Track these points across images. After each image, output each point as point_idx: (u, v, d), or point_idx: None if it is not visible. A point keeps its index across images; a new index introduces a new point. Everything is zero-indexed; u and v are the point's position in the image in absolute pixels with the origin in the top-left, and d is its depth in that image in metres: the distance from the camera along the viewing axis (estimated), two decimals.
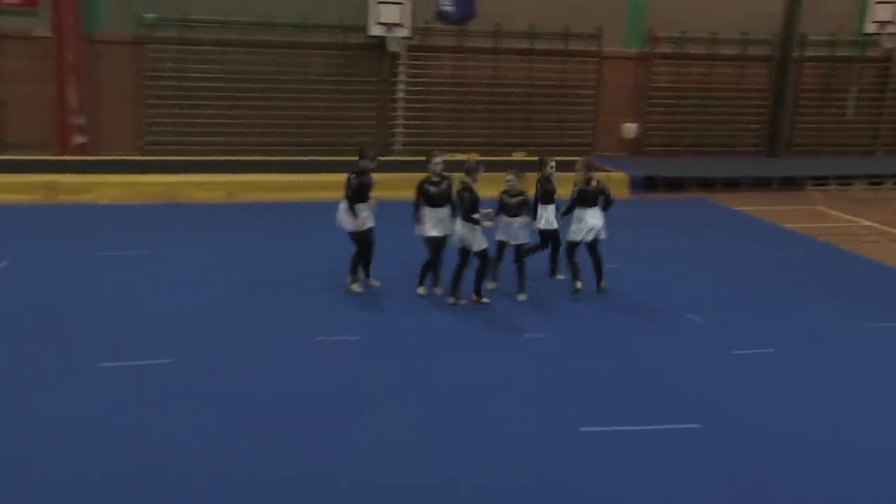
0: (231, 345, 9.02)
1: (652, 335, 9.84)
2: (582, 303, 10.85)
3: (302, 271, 11.53)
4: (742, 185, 19.13)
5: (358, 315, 10.04)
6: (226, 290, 10.76)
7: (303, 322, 9.75)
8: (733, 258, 13.30)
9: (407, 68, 19.60)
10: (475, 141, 20.02)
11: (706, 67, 21.13)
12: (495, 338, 9.60)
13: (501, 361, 8.92)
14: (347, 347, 9.10)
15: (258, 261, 12.07)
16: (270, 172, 16.94)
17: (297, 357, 8.79)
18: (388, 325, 9.79)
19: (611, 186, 11.80)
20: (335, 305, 10.32)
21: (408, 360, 8.86)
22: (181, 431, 7.21)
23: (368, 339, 9.36)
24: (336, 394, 7.98)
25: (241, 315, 9.91)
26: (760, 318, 10.52)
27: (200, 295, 10.54)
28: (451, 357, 9.00)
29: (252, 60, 18.75)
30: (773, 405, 8.13)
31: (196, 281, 11.07)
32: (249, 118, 18.88)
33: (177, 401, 7.73)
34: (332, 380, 8.28)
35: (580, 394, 8.23)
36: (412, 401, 7.93)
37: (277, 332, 9.41)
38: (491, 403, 7.94)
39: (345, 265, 10.76)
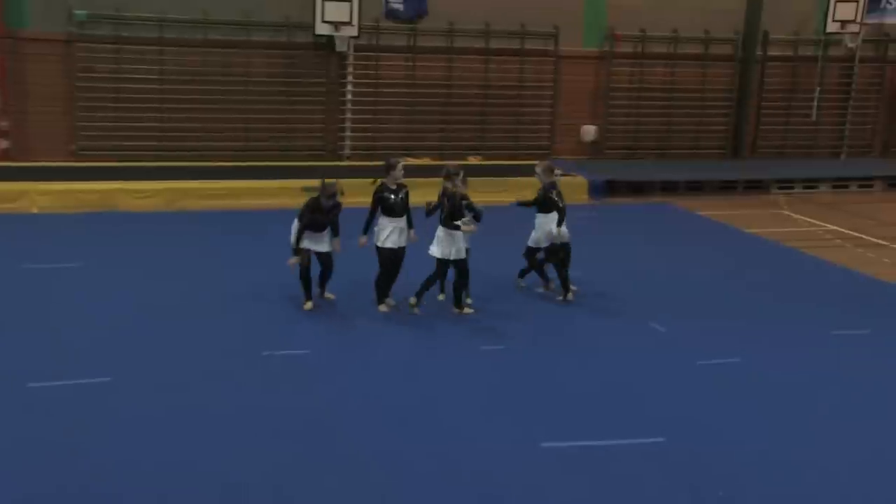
0: (172, 362, 8.93)
1: (614, 345, 9.92)
2: (541, 313, 10.91)
3: (249, 283, 11.45)
4: (706, 189, 19.37)
5: (309, 329, 10.00)
6: (167, 304, 10.65)
7: (249, 336, 9.69)
8: (697, 265, 13.46)
9: (355, 69, 19.59)
10: (428, 145, 20.07)
11: (668, 67, 21.39)
12: (450, 350, 9.62)
13: (456, 375, 8.93)
14: (296, 362, 9.06)
15: (201, 273, 11.97)
16: (213, 179, 16.81)
17: (242, 373, 8.73)
18: (341, 340, 9.77)
19: (570, 191, 11.88)
20: (285, 319, 10.27)
21: (357, 374, 8.84)
22: (117, 454, 7.12)
23: (318, 353, 9.32)
24: (276, 410, 7.93)
25: (182, 330, 9.82)
26: (725, 327, 10.66)
27: (138, 309, 10.42)
28: (403, 371, 9.00)
29: (191, 61, 18.61)
30: (740, 417, 8.23)
31: (134, 295, 10.95)
32: (190, 122, 18.74)
33: (113, 422, 7.63)
34: (275, 396, 8.23)
35: (540, 408, 8.26)
36: (356, 417, 7.92)
37: (222, 348, 9.34)
38: (442, 420, 7.94)
39: (294, 279, 10.69)
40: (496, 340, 9.93)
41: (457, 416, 8.02)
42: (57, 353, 9.08)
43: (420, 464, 7.19)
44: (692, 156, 21.91)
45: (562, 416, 8.11)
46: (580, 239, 12.15)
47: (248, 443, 7.39)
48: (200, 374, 8.67)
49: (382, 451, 7.34)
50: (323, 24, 18.69)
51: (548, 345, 9.92)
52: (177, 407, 7.96)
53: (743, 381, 9.04)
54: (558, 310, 11.05)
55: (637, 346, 9.96)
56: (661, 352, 9.79)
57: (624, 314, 11.01)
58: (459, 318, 10.62)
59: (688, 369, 9.30)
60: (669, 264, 13.39)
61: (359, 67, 19.65)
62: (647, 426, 7.95)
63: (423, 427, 7.81)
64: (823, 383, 9.12)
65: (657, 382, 8.93)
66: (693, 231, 15.94)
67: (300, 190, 16.70)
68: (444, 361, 9.31)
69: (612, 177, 18.88)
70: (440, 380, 8.81)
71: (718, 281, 12.66)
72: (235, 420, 7.77)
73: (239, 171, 17.68)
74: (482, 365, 9.26)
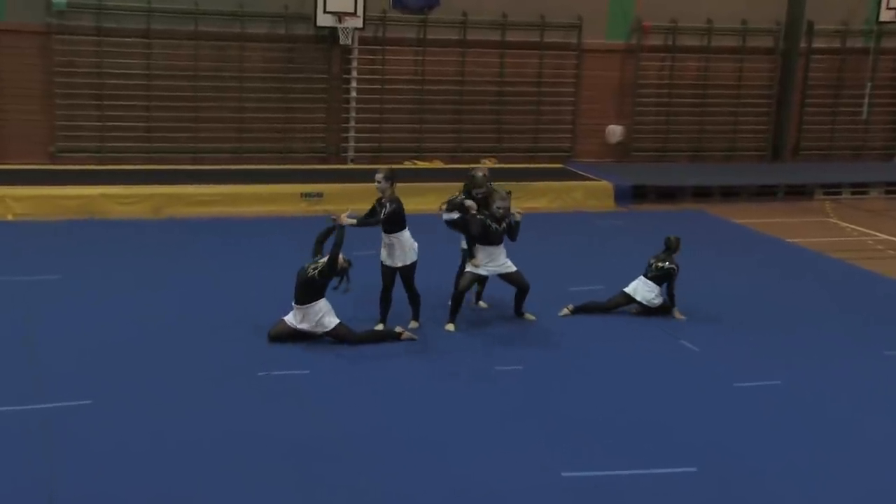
0: (158, 383, 8.95)
1: (642, 366, 9.91)
2: (561, 330, 10.91)
3: (244, 298, 11.48)
4: (743, 195, 19.35)
5: (309, 348, 10.02)
6: (154, 320, 10.69)
7: (243, 355, 9.71)
8: (733, 278, 13.44)
9: (360, 64, 19.64)
10: (439, 147, 20.10)
11: (702, 61, 21.38)
12: (463, 371, 9.63)
13: (469, 397, 8.94)
14: (294, 383, 9.08)
15: (192, 286, 12.00)
16: (204, 183, 16.88)
17: (235, 395, 8.76)
18: (344, 359, 9.78)
19: (594, 197, 11.91)
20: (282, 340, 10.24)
21: (361, 397, 8.86)
22: (97, 485, 7.13)
23: (319, 374, 9.34)
24: (272, 437, 7.94)
25: (171, 349, 9.85)
26: (765, 346, 10.64)
27: (123, 326, 10.45)
28: (411, 393, 9.00)
29: (182, 55, 18.70)
30: (780, 445, 8.21)
31: (118, 310, 10.98)
32: (179, 121, 18.81)
33: (93, 449, 7.65)
34: (271, 421, 8.25)
35: (560, 434, 8.26)
36: (361, 443, 7.92)
37: (213, 368, 9.36)
38: (454, 446, 7.94)
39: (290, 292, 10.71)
40: (512, 360, 9.93)
41: (470, 443, 8.02)
42: (33, 373, 9.10)
43: (430, 495, 7.19)
44: (728, 158, 21.89)
45: (584, 443, 8.10)
46: (603, 251, 12.17)
47: (240, 473, 7.41)
48: (190, 397, 8.69)
49: (389, 482, 7.34)
50: (325, 14, 18.75)
51: (569, 365, 9.91)
52: (163, 433, 7.98)
53: (784, 406, 9.02)
54: (579, 327, 11.05)
55: (667, 366, 9.95)
56: (693, 373, 9.78)
57: (652, 331, 10.99)
58: (473, 335, 10.63)
59: (723, 392, 9.28)
60: (702, 277, 13.35)
61: (364, 62, 19.71)
62: (678, 455, 7.93)
63: (434, 455, 7.81)
64: (874, 410, 9.08)
65: (689, 406, 8.92)
66: (728, 241, 15.92)
67: (300, 196, 16.84)
68: (455, 383, 9.32)
69: (640, 182, 18.86)
70: (452, 403, 8.82)
71: (756, 295, 12.63)
72: (227, 447, 7.79)
73: (233, 174, 17.74)
74: (497, 387, 9.26)
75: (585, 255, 14.03)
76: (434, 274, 11.05)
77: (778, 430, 8.51)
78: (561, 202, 17.94)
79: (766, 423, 8.62)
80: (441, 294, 11.07)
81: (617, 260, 13.41)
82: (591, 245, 14.73)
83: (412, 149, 19.94)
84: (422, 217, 12.00)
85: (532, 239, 11.55)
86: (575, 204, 18.04)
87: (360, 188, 16.05)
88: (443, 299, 11.00)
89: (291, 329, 10.10)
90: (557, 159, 20.50)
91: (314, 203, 16.72)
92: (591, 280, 12.34)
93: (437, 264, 11.20)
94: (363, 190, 15.11)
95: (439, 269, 11.26)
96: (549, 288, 11.73)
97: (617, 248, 11.80)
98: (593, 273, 12.64)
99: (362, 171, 18.45)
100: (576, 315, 11.32)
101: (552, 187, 17.99)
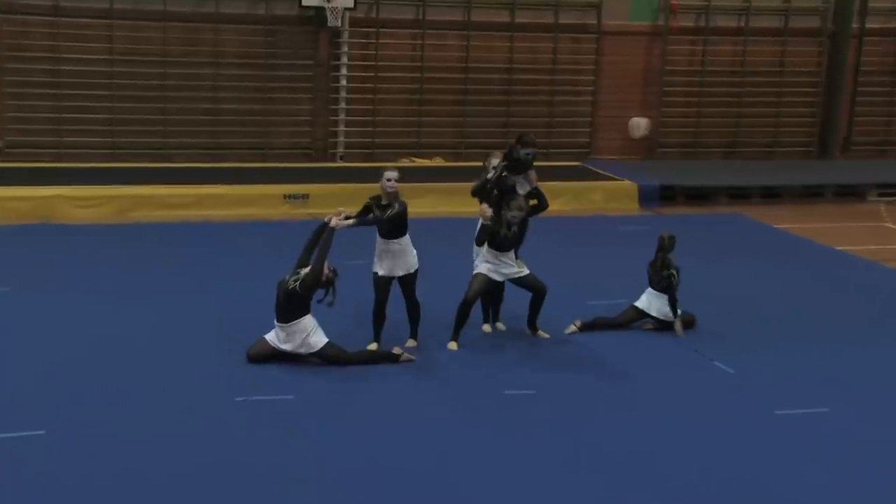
0: (122, 410, 8.95)
1: (669, 390, 9.92)
2: (578, 349, 10.94)
3: (219, 314, 11.50)
4: (786, 196, 19.38)
5: (294, 369, 10.02)
6: (116, 338, 10.70)
7: (219, 378, 9.72)
8: (773, 290, 13.44)
9: (351, 49, 19.70)
10: (440, 143, 20.14)
11: (738, 45, 21.42)
12: (467, 395, 9.64)
13: (473, 427, 8.94)
14: (277, 410, 9.09)
15: (160, 301, 12.01)
16: (175, 184, 16.94)
17: (210, 423, 8.77)
18: (333, 382, 9.78)
19: (616, 199, 11.94)
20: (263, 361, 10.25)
21: (352, 425, 8.85)
22: None
23: (305, 399, 9.35)
24: (251, 470, 7.95)
25: (136, 371, 9.85)
26: (809, 368, 10.65)
27: (82, 345, 10.46)
28: (409, 421, 9.01)
29: (148, 38, 18.75)
30: (829, 482, 8.20)
31: (76, 327, 11.00)
32: (146, 113, 18.86)
33: (47, 486, 7.64)
34: (251, 452, 8.26)
35: (578, 470, 8.26)
36: (351, 479, 7.91)
37: (184, 393, 9.37)
38: (456, 486, 7.92)
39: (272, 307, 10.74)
40: (523, 383, 9.95)
41: (474, 482, 8.01)
42: None
43: None
44: (768, 155, 21.94)
45: (605, 481, 8.10)
46: (626, 260, 12.18)
47: None
48: (157, 427, 8.69)
49: None
50: None
51: (587, 389, 9.92)
52: (128, 467, 7.98)
53: (832, 437, 9.01)
54: (597, 346, 11.07)
55: (698, 391, 9.96)
56: (728, 398, 9.78)
57: (679, 350, 11.02)
58: (478, 355, 10.66)
59: (763, 421, 9.28)
60: (738, 289, 13.37)
61: (355, 47, 19.78)
62: (711, 494, 7.94)
63: (434, 494, 7.82)
64: None
65: (724, 437, 8.92)
66: (768, 248, 15.92)
67: (283, 198, 16.88)
68: (458, 409, 9.33)
69: (668, 181, 18.91)
70: (454, 433, 8.82)
71: (800, 310, 12.64)
72: (200, 482, 7.79)
73: (207, 174, 17.80)
74: (506, 414, 9.26)
75: (605, 265, 14.03)
76: (433, 287, 11.05)
77: (825, 464, 8.49)
78: (578, 205, 17.95)
79: (811, 457, 8.61)
80: (441, 310, 11.06)
81: (641, 270, 13.40)
82: (611, 254, 14.73)
83: (410, 145, 19.98)
84: (422, 221, 12.02)
85: (545, 247, 11.58)
86: (594, 207, 18.06)
87: (350, 189, 16.11)
88: (443, 317, 11.00)
89: (273, 349, 10.13)
90: (574, 157, 20.54)
91: (298, 206, 16.76)
92: (612, 293, 12.34)
93: (437, 276, 11.21)
94: (354, 191, 15.17)
95: (440, 281, 11.28)
96: (564, 302, 11.73)
97: (641, 256, 11.75)
98: (614, 285, 12.63)
99: (353, 170, 18.57)
100: (585, 333, 11.35)
101: (568, 188, 18.00)
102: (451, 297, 10.96)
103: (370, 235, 10.59)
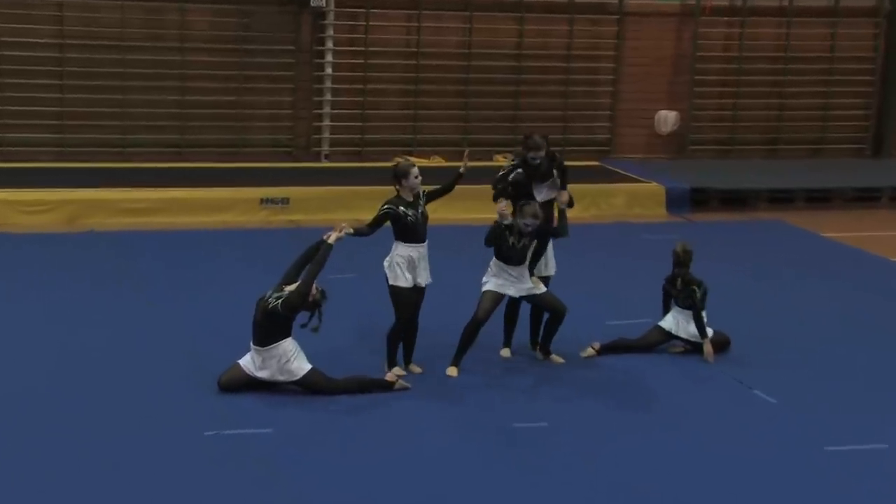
0: (77, 444, 8.95)
1: (701, 424, 9.92)
2: (595, 374, 10.94)
3: (187, 336, 11.50)
4: (835, 201, 19.38)
5: (272, 400, 10.02)
6: (70, 363, 10.69)
7: (186, 410, 9.71)
8: (820, 308, 13.47)
9: (337, 32, 19.70)
10: (439, 139, 20.12)
11: (781, 27, 21.42)
12: (471, 428, 9.64)
13: (477, 464, 8.94)
14: (252, 445, 9.08)
15: (119, 320, 12.01)
16: (135, 186, 16.94)
17: (175, 460, 8.75)
18: (318, 413, 9.78)
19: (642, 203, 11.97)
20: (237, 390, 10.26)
21: (337, 463, 8.85)
22: None
23: (285, 433, 9.34)
24: None
25: (92, 401, 9.84)
26: (863, 398, 10.65)
27: (29, 371, 10.46)
28: (402, 458, 9.00)
29: (105, 19, 18.74)
30: None
31: (22, 350, 10.99)
32: (102, 105, 18.85)
33: None
34: (223, 494, 8.25)
35: None
36: None
37: (147, 425, 9.35)
38: None
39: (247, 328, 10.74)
40: (534, 414, 9.95)
41: None
42: None
43: None
44: (815, 153, 21.94)
45: None
46: (651, 273, 12.16)
47: None
48: (117, 464, 8.68)
49: None
50: None
51: (606, 422, 9.92)
52: None
53: (892, 478, 9.01)
54: (619, 371, 11.07)
55: (736, 423, 9.95)
56: (772, 432, 9.77)
57: (716, 377, 11.02)
58: (484, 382, 10.66)
59: (812, 458, 9.27)
60: (780, 307, 13.38)
61: (342, 30, 19.78)
62: None
63: None
64: None
65: (767, 478, 8.91)
66: (815, 260, 15.93)
67: (259, 203, 16.88)
68: (460, 445, 9.33)
69: (700, 184, 18.92)
70: (455, 473, 8.82)
71: (852, 331, 12.64)
72: None
73: (173, 175, 17.81)
74: (515, 450, 9.26)
75: (628, 280, 14.04)
76: (437, 303, 11.01)
77: None
78: (597, 210, 17.95)
79: (868, 500, 8.61)
80: (444, 329, 11.09)
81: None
82: (635, 266, 14.73)
83: (405, 142, 19.97)
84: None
85: (558, 258, 11.55)
86: (615, 212, 18.06)
87: (337, 193, 16.14)
88: (444, 336, 11.02)
89: (248, 376, 10.12)
90: (592, 155, 20.52)
91: (278, 211, 16.78)
92: (635, 311, 12.36)
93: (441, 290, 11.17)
94: (341, 195, 15.20)
95: (444, 296, 11.30)
96: (581, 321, 11.72)
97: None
98: (638, 303, 12.63)
99: (340, 170, 18.57)
100: (605, 356, 11.35)
101: (586, 191, 17.90)
102: (457, 313, 11.00)
103: (362, 247, 10.58)
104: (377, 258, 10.73)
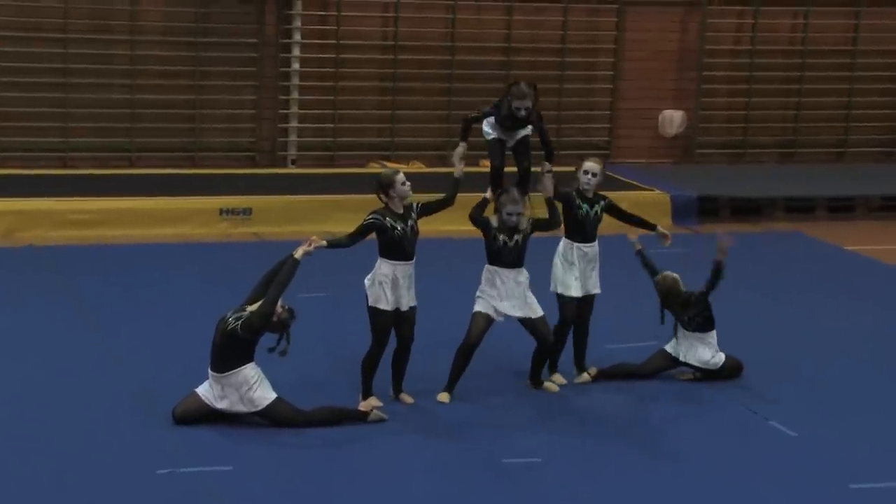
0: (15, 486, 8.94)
1: (713, 458, 9.93)
2: (593, 404, 10.97)
3: (138, 362, 11.49)
4: (859, 210, 19.46)
5: (233, 433, 10.02)
6: (7, 394, 10.68)
7: (137, 445, 9.70)
8: (844, 329, 13.51)
9: (305, 24, 19.73)
10: (418, 142, 20.15)
11: (798, 17, 21.52)
12: (454, 464, 9.64)
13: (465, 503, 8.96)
14: (211, 485, 9.06)
15: (62, 345, 12.01)
16: (79, 195, 16.95)
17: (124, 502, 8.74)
18: (284, 450, 9.78)
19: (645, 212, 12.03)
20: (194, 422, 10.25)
21: None
22: None
23: (246, 471, 9.33)
24: None
25: (33, 434, 9.83)
26: (890, 431, 10.67)
27: None
28: (381, 499, 9.00)
29: (44, 9, 18.73)
30: None
31: None
32: (40, 105, 18.84)
33: None
34: None
35: None
36: None
37: (94, 462, 9.34)
38: None
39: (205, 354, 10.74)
40: (526, 448, 9.95)
41: None
42: None
43: None
44: (837, 157, 22.03)
45: None
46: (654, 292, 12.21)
47: None
48: None
49: None
50: None
51: (605, 457, 9.93)
52: None
53: None
54: (621, 401, 11.10)
55: (752, 458, 9.96)
56: (792, 468, 9.79)
57: (728, 407, 11.05)
58: (472, 412, 10.67)
59: (835, 497, 9.30)
60: (799, 329, 13.42)
61: (311, 21, 19.81)
62: None
63: None
64: None
65: None
66: (837, 275, 16.00)
67: (218, 213, 16.88)
68: (442, 483, 9.32)
69: (709, 191, 18.98)
70: None
71: (878, 356, 12.69)
72: None
73: (121, 183, 17.83)
74: (504, 488, 9.26)
75: (629, 299, 14.06)
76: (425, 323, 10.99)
77: None
78: None
79: None
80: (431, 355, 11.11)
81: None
82: (637, 284, 14.76)
83: (381, 145, 20.00)
84: None
85: None
86: (615, 224, 18.04)
87: (304, 202, 16.14)
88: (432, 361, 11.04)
89: (207, 407, 10.11)
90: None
91: (239, 223, 16.77)
92: (639, 334, 12.39)
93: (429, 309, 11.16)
94: (308, 205, 15.19)
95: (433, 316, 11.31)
96: None
97: None
98: (640, 324, 12.66)
99: (308, 177, 18.57)
100: (602, 382, 11.38)
101: None
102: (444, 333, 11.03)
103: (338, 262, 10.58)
104: (355, 275, 10.73)
